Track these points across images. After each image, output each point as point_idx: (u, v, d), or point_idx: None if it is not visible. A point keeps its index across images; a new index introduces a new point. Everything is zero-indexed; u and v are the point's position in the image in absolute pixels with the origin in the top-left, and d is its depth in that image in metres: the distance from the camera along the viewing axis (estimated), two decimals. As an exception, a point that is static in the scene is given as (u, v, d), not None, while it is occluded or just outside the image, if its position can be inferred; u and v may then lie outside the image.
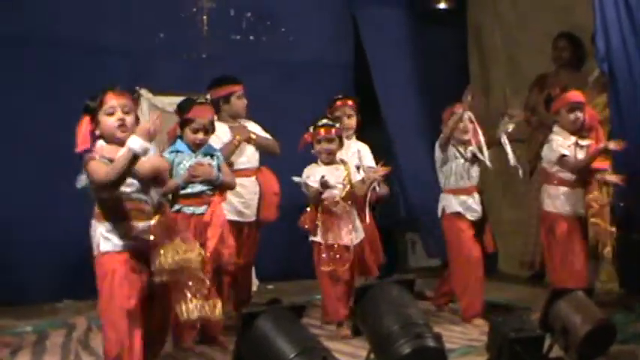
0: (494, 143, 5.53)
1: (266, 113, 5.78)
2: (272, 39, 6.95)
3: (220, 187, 4.85)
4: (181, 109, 4.90)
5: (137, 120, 3.89)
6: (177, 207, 4.76)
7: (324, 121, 5.31)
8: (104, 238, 3.78)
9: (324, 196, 5.13)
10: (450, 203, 5.47)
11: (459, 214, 5.44)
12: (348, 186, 5.22)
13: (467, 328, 5.26)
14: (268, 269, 6.41)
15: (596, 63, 5.87)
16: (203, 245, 4.58)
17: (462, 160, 5.47)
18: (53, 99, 5.86)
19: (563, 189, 5.29)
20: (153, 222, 3.83)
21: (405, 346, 3.70)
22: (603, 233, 5.29)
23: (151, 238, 3.80)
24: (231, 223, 5.02)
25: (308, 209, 5.22)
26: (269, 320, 3.60)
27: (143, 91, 6.24)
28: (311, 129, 5.27)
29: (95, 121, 3.83)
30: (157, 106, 6.10)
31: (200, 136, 4.83)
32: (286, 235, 5.60)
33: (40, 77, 5.97)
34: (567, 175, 5.28)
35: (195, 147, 4.83)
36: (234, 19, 6.83)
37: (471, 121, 5.46)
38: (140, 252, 3.80)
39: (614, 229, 5.48)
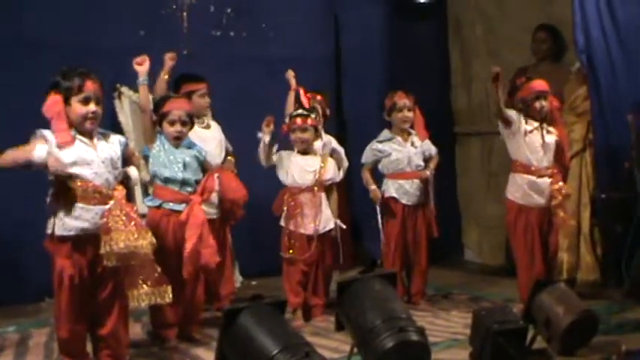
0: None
1: (247, 109, 5.79)
2: (252, 35, 6.92)
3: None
4: (157, 105, 4.91)
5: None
6: (157, 202, 4.77)
7: (300, 111, 5.44)
8: (58, 220, 3.94)
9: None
10: None
11: None
12: (320, 175, 5.34)
13: (450, 322, 5.28)
14: (251, 265, 6.40)
15: (575, 54, 5.90)
16: (181, 247, 4.63)
17: None
18: (36, 98, 5.81)
19: (528, 178, 5.31)
20: (108, 206, 3.90)
21: (388, 340, 3.71)
22: (563, 225, 5.33)
23: (104, 221, 3.92)
24: None
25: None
26: (251, 316, 3.60)
27: (124, 89, 6.21)
28: (287, 119, 5.42)
29: (65, 102, 3.95)
30: (138, 104, 6.06)
31: (177, 127, 4.82)
32: (269, 230, 5.59)
33: (33, 78, 5.92)
34: (533, 164, 5.29)
35: (174, 141, 4.82)
36: (215, 15, 6.80)
37: None
38: (92, 235, 3.95)
39: (574, 222, 5.55)
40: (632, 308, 5.28)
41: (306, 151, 5.41)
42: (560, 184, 5.28)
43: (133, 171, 4.28)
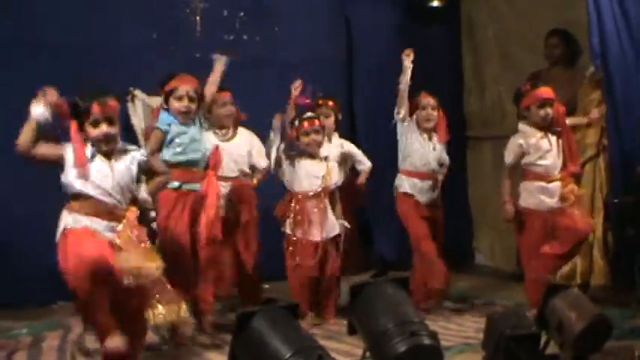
0: None
1: (259, 112, 5.78)
2: (265, 38, 6.94)
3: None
4: (162, 84, 4.92)
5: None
6: (175, 184, 4.80)
7: (308, 114, 5.44)
8: (72, 219, 3.94)
9: None
10: None
11: None
12: (325, 181, 5.35)
13: (463, 326, 5.28)
14: (264, 268, 6.40)
15: (590, 58, 5.88)
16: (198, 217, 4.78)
17: None
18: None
19: (539, 184, 5.31)
20: (120, 226, 3.92)
21: (400, 345, 3.71)
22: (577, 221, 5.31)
23: (117, 241, 3.92)
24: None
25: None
26: (264, 320, 3.60)
27: (137, 92, 6.23)
28: (295, 122, 5.41)
29: (81, 127, 3.99)
30: (152, 107, 6.08)
31: (185, 102, 4.82)
32: (280, 234, 5.60)
33: (34, 78, 5.93)
34: (543, 171, 5.29)
35: (181, 116, 4.82)
36: (228, 19, 6.82)
37: None
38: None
39: (592, 220, 5.52)
40: (645, 313, 5.27)
41: (312, 155, 5.40)
42: (572, 186, 5.28)
43: (142, 194, 4.27)
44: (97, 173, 3.97)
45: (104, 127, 4.00)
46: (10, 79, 5.79)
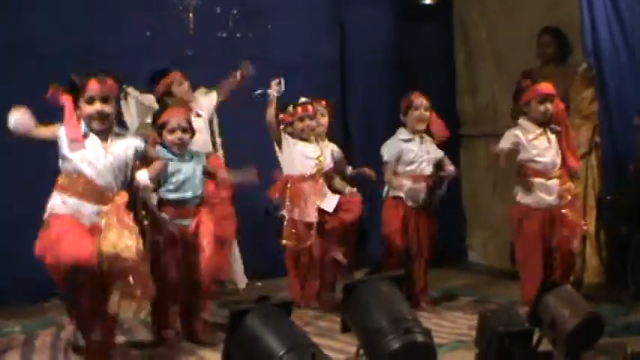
0: None
1: (252, 110, 5.78)
2: (259, 36, 6.93)
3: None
4: (154, 116, 4.98)
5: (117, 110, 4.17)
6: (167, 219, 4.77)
7: (302, 99, 5.56)
8: (61, 202, 3.98)
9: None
10: None
11: None
12: (319, 162, 5.46)
13: (456, 323, 5.28)
14: (257, 266, 6.40)
15: (583, 56, 5.89)
16: (191, 262, 4.70)
17: None
18: (36, 99, 5.82)
19: (538, 180, 5.31)
20: (106, 208, 3.95)
21: (394, 342, 3.71)
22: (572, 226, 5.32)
23: (102, 222, 3.94)
24: None
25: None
26: (258, 318, 3.60)
27: (130, 90, 6.19)
28: (290, 108, 5.52)
29: (75, 104, 4.04)
30: (145, 104, 6.07)
31: (178, 134, 4.82)
32: (273, 231, 5.60)
33: (32, 78, 5.93)
34: (541, 168, 5.29)
35: (176, 148, 4.82)
36: (221, 17, 6.81)
37: None
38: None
39: (583, 222, 5.53)
40: (638, 310, 5.28)
41: (305, 139, 5.51)
42: (569, 184, 5.29)
43: (140, 175, 4.27)
44: (90, 152, 3.98)
45: (99, 105, 4.00)
46: (9, 79, 5.79)
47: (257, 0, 6.98)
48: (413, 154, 5.68)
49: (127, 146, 4.14)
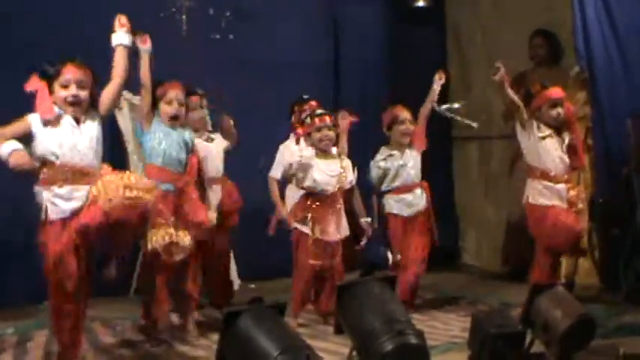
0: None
1: (245, 113, 5.78)
2: (252, 38, 6.93)
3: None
4: (153, 90, 4.99)
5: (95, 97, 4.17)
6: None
7: (319, 111, 5.39)
8: (51, 204, 3.96)
9: None
10: None
11: None
12: (341, 180, 5.29)
13: (449, 325, 5.29)
14: (250, 268, 6.40)
15: (576, 59, 5.91)
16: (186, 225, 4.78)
17: None
18: (32, 98, 5.81)
19: (547, 184, 5.29)
20: (94, 188, 3.97)
21: (387, 344, 3.71)
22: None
23: (93, 193, 3.95)
24: None
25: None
26: (251, 319, 3.60)
27: (124, 92, 6.18)
28: (308, 119, 5.34)
29: (50, 89, 4.03)
30: (137, 105, 6.06)
31: (175, 106, 4.89)
32: (267, 234, 5.59)
33: (23, 79, 5.93)
34: (551, 171, 5.28)
35: (171, 121, 4.88)
36: (214, 18, 6.79)
37: None
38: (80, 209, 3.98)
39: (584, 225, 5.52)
40: (630, 312, 5.30)
41: (325, 153, 5.32)
42: (578, 188, 5.28)
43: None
44: (67, 135, 3.97)
45: (74, 89, 4.00)
46: (7, 79, 5.78)
47: (250, 2, 6.99)
48: (394, 169, 5.67)
49: (94, 119, 4.15)
